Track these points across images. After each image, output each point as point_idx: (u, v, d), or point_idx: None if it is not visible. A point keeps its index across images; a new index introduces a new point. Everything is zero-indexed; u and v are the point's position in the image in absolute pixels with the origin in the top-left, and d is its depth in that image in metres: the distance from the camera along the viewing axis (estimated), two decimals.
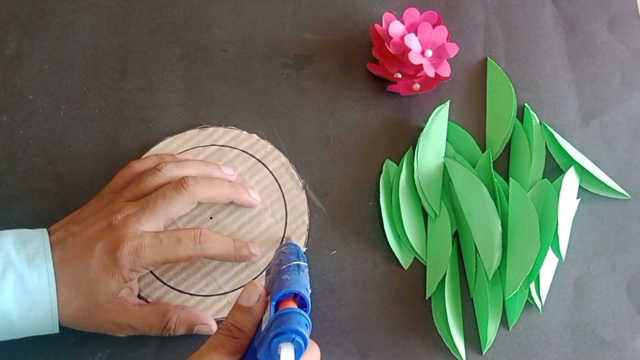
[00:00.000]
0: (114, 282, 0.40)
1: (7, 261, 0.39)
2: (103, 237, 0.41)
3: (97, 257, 0.40)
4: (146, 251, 0.40)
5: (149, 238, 0.41)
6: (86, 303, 0.40)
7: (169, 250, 0.41)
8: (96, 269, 0.40)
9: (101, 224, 0.42)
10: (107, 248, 0.40)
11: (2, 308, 0.38)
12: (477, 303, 0.47)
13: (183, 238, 0.42)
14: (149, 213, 0.42)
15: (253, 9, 0.54)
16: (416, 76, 0.50)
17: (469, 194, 0.47)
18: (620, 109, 0.53)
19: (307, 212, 0.48)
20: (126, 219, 0.41)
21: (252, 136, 0.50)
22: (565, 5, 0.56)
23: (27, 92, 0.51)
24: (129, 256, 0.40)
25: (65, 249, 0.41)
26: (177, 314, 0.43)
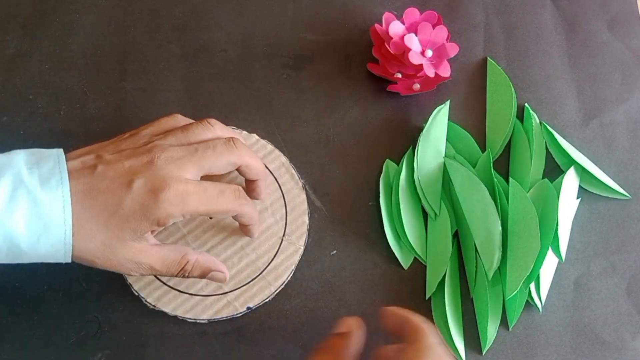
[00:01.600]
0: (147, 223, 0.38)
1: (18, 180, 0.36)
2: (144, 174, 0.38)
3: (136, 193, 0.37)
4: (191, 197, 0.38)
5: (195, 185, 0.39)
6: (110, 237, 0.37)
7: (212, 200, 0.39)
8: (132, 205, 0.37)
9: (141, 159, 0.38)
10: (149, 186, 0.37)
11: (11, 230, 0.35)
12: (477, 303, 0.47)
13: (226, 190, 0.40)
14: (195, 161, 0.39)
15: (253, 9, 0.54)
16: (416, 76, 0.50)
17: (469, 194, 0.47)
18: (620, 109, 0.53)
19: (307, 212, 0.48)
20: (170, 160, 0.38)
21: (252, 136, 0.50)
22: (565, 5, 0.56)
23: (27, 92, 0.51)
24: (174, 199, 0.37)
25: (95, 177, 0.38)
26: (196, 257, 0.41)
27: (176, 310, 0.45)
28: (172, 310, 0.45)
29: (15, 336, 0.44)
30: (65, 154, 0.39)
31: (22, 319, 0.45)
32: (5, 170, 0.36)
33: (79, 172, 0.38)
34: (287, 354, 0.45)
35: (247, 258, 0.47)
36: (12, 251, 0.36)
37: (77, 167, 0.38)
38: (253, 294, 0.46)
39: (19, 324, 0.45)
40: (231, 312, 0.45)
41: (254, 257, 0.47)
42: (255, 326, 0.45)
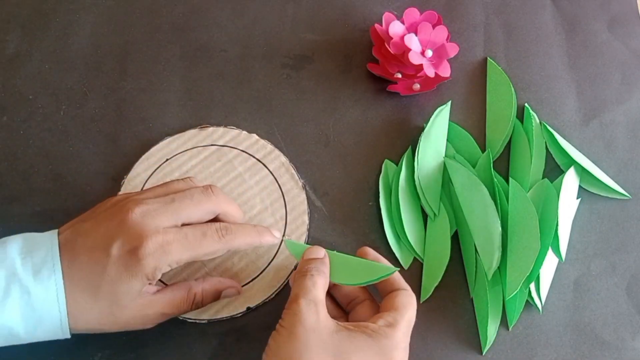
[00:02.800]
0: (137, 282, 0.37)
1: (12, 273, 0.36)
2: (119, 235, 0.37)
3: (116, 257, 0.37)
4: (172, 247, 0.37)
5: (174, 233, 0.38)
6: (108, 306, 0.37)
7: (195, 245, 0.38)
8: (116, 270, 0.37)
9: (115, 220, 0.38)
10: (127, 246, 0.37)
11: (8, 325, 0.36)
12: (477, 303, 0.47)
13: (208, 232, 0.39)
14: (172, 211, 0.39)
15: (253, 9, 0.54)
16: (416, 76, 0.50)
17: (469, 194, 0.47)
18: (620, 109, 0.53)
19: (307, 212, 0.48)
20: (145, 213, 0.38)
21: (252, 136, 0.50)
22: (565, 5, 0.56)
23: (27, 92, 0.51)
24: (155, 254, 0.37)
25: (75, 252, 0.38)
26: (201, 286, 0.42)
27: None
28: None
29: None
30: None
31: None
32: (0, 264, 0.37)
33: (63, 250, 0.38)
34: None
35: (247, 258, 0.47)
36: (10, 340, 0.37)
37: (62, 243, 0.38)
38: (253, 293, 0.46)
39: None
40: (231, 312, 0.45)
41: (254, 257, 0.47)
42: (255, 326, 0.45)
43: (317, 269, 0.40)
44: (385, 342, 0.37)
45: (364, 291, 0.43)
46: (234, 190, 0.48)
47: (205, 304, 0.42)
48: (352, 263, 0.43)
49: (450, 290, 0.47)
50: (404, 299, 0.40)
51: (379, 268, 0.42)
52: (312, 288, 0.39)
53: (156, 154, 0.49)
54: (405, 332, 0.39)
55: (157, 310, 0.39)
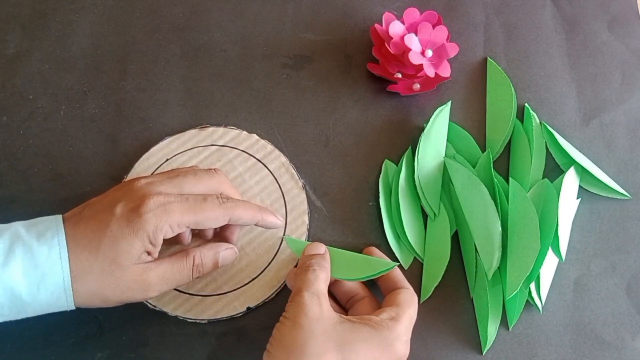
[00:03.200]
0: (138, 240, 0.38)
1: (16, 236, 0.37)
2: (124, 198, 0.39)
3: (120, 214, 0.38)
4: (173, 205, 0.38)
5: (175, 195, 0.39)
6: (108, 264, 0.37)
7: (196, 207, 0.39)
8: (119, 226, 0.38)
9: (121, 190, 0.40)
10: (130, 205, 0.38)
11: (10, 283, 0.36)
12: (477, 303, 0.47)
13: (208, 197, 0.40)
14: (174, 183, 0.40)
15: (253, 9, 0.54)
16: (416, 76, 0.50)
17: (469, 194, 0.47)
18: (620, 109, 0.53)
19: (307, 212, 0.48)
20: (150, 183, 0.40)
21: (252, 136, 0.50)
22: (565, 5, 0.56)
23: (27, 92, 0.51)
24: (156, 210, 0.38)
25: (82, 215, 0.39)
26: (199, 250, 0.42)
27: (176, 310, 0.45)
28: (172, 310, 0.45)
29: (15, 336, 0.44)
30: None
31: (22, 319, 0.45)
32: (4, 231, 0.38)
33: (69, 218, 0.39)
34: None
35: (247, 258, 0.47)
36: (14, 304, 0.37)
37: (68, 215, 0.40)
38: (253, 293, 0.46)
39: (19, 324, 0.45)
40: (231, 312, 0.45)
41: (254, 257, 0.47)
42: (255, 326, 0.45)
43: (318, 264, 0.41)
44: (387, 334, 0.38)
45: (363, 288, 0.44)
46: None
47: (206, 271, 0.42)
48: (352, 259, 0.44)
49: (450, 290, 0.47)
50: (406, 296, 0.42)
51: (379, 263, 0.43)
52: (315, 281, 0.40)
53: (156, 153, 0.49)
54: (407, 327, 0.40)
55: (157, 274, 0.39)
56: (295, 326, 0.37)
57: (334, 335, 0.37)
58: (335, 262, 0.43)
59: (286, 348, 0.37)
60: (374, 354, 0.38)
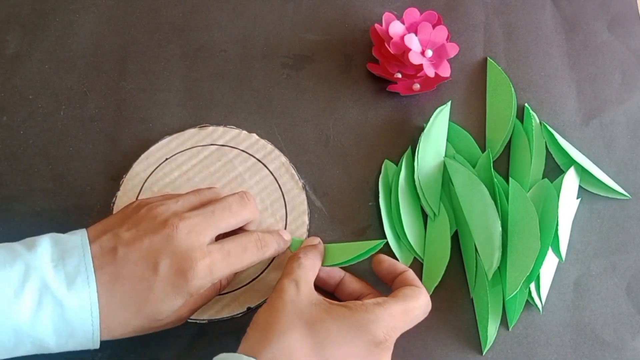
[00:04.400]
0: (181, 299, 0.38)
1: (44, 285, 0.35)
2: (166, 252, 0.37)
3: (164, 275, 0.37)
4: (218, 266, 0.38)
5: (217, 252, 0.39)
6: (148, 321, 0.38)
7: (237, 261, 0.40)
8: (163, 288, 0.37)
9: (159, 235, 0.38)
10: (175, 266, 0.37)
11: (40, 337, 0.36)
12: (477, 303, 0.47)
13: (248, 245, 0.40)
14: (212, 224, 0.39)
15: (253, 9, 0.54)
16: (416, 76, 0.50)
17: (469, 194, 0.47)
18: (620, 109, 0.53)
19: (307, 212, 0.48)
20: (189, 230, 0.38)
21: (252, 136, 0.50)
22: (565, 5, 0.56)
23: (27, 92, 0.51)
24: (203, 274, 0.38)
25: (117, 264, 0.37)
26: None
27: None
28: None
29: None
30: None
31: None
32: (31, 272, 0.36)
33: (100, 259, 0.37)
34: None
35: None
36: (41, 350, 0.37)
37: (97, 253, 0.37)
38: (253, 294, 0.46)
39: None
40: (231, 312, 0.45)
41: None
42: None
43: (304, 253, 0.42)
44: (363, 315, 0.37)
45: (367, 287, 0.43)
46: (234, 190, 0.48)
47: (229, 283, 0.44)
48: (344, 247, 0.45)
49: (450, 290, 0.47)
50: (407, 291, 0.40)
51: (368, 243, 0.43)
52: (297, 269, 0.40)
53: (155, 153, 0.49)
54: (396, 317, 0.38)
55: (190, 307, 0.40)
56: (270, 308, 0.38)
57: (306, 314, 0.37)
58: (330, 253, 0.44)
59: (259, 328, 0.37)
60: (346, 333, 0.37)
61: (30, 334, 0.35)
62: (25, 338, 0.35)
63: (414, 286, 0.41)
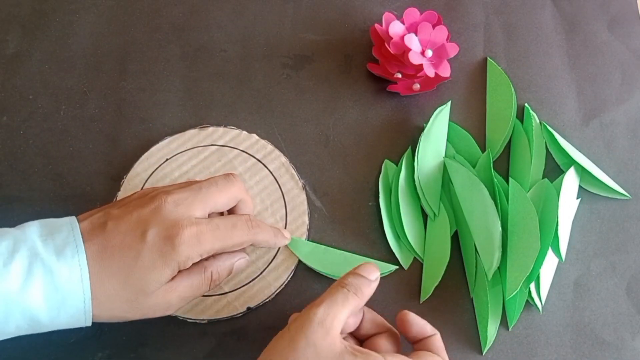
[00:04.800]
0: (169, 269, 0.37)
1: (34, 254, 0.35)
2: (154, 222, 0.38)
3: (151, 243, 0.37)
4: (206, 236, 0.38)
5: (205, 224, 0.39)
6: (135, 293, 0.37)
7: (226, 236, 0.39)
8: (151, 256, 0.37)
9: (148, 208, 0.38)
10: (163, 234, 0.37)
11: (30, 308, 0.35)
12: (477, 303, 0.47)
13: (238, 223, 0.40)
14: (201, 199, 0.39)
15: (253, 9, 0.54)
16: (416, 76, 0.50)
17: (469, 194, 0.47)
18: (620, 109, 0.53)
19: (307, 212, 0.48)
20: (177, 203, 0.39)
21: (252, 136, 0.50)
22: (565, 5, 0.56)
23: (27, 92, 0.51)
24: (190, 241, 0.37)
25: (106, 235, 0.37)
26: (215, 264, 0.41)
27: (177, 311, 0.45)
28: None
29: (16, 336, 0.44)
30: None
31: None
32: (20, 245, 0.36)
33: (90, 233, 0.38)
34: None
35: None
36: (32, 326, 0.36)
37: (87, 228, 0.38)
38: (253, 294, 0.46)
39: None
40: (231, 312, 0.45)
41: (254, 258, 0.47)
42: (255, 326, 0.45)
43: (356, 288, 0.38)
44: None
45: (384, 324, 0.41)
46: None
47: (222, 281, 0.42)
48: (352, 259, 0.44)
49: (450, 290, 0.47)
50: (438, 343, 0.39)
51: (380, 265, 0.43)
52: (340, 303, 0.36)
53: (156, 153, 0.49)
54: None
55: (178, 295, 0.39)
56: (290, 345, 0.35)
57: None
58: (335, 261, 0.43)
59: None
60: None
61: (20, 303, 0.35)
62: (15, 308, 0.35)
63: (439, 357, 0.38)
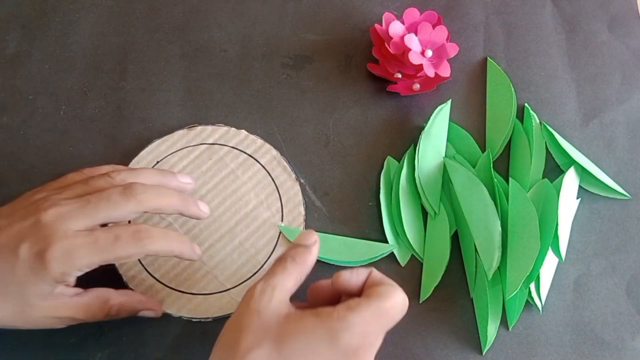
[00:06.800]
0: (45, 284, 0.37)
1: None
2: (29, 236, 0.37)
3: (23, 259, 0.36)
4: (80, 252, 0.37)
5: (82, 237, 0.37)
6: (19, 304, 0.37)
7: (106, 249, 0.37)
8: (24, 271, 0.36)
9: (29, 220, 0.37)
10: (33, 249, 0.36)
11: None
12: (477, 303, 0.47)
13: (122, 235, 0.38)
14: (86, 213, 0.38)
15: (253, 9, 0.54)
16: (416, 76, 0.50)
17: (468, 194, 0.47)
18: (620, 109, 0.53)
19: (303, 203, 0.48)
20: (58, 216, 0.37)
21: (240, 132, 0.50)
22: (565, 5, 0.56)
23: (27, 92, 0.51)
24: (61, 258, 0.36)
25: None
26: (119, 300, 0.41)
27: (180, 311, 0.45)
28: (176, 311, 0.45)
29: (15, 336, 0.44)
30: None
31: None
32: None
33: None
34: None
35: (246, 253, 0.47)
36: None
37: None
38: None
39: None
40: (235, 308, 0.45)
41: (253, 252, 0.47)
42: None
43: (294, 258, 0.38)
44: (334, 324, 0.34)
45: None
46: (227, 187, 0.48)
47: (120, 317, 0.41)
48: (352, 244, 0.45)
49: (450, 290, 0.47)
50: (382, 289, 0.36)
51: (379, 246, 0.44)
52: (279, 274, 0.37)
53: (146, 157, 0.49)
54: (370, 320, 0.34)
55: (70, 314, 0.39)
56: (236, 320, 0.36)
57: (273, 329, 0.34)
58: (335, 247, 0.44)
59: (224, 347, 0.35)
60: (316, 347, 0.33)
61: None
62: None
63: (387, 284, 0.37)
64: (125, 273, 0.46)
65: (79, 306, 0.39)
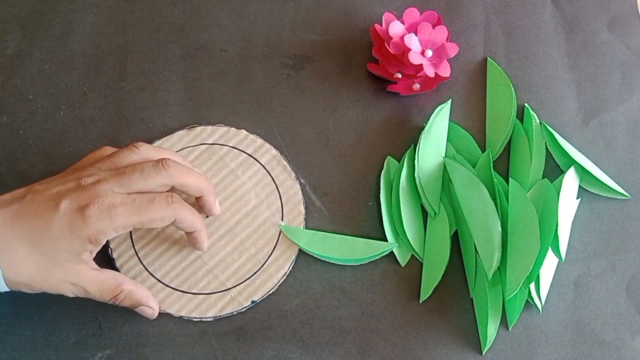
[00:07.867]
0: (79, 242, 0.38)
1: None
2: (70, 194, 0.38)
3: (63, 213, 0.38)
4: (118, 210, 0.38)
5: (122, 197, 0.39)
6: (45, 261, 0.38)
7: (141, 209, 0.39)
8: (60, 226, 0.37)
9: (68, 185, 0.39)
10: (75, 205, 0.38)
11: None
12: (477, 303, 0.47)
13: (156, 198, 0.40)
14: (122, 182, 0.39)
15: (253, 9, 0.54)
16: (416, 76, 0.50)
17: (468, 194, 0.47)
18: (620, 109, 0.53)
19: (303, 202, 0.48)
20: (97, 181, 0.39)
21: (240, 132, 0.50)
22: (565, 5, 0.56)
23: (27, 92, 0.51)
24: (100, 214, 0.38)
25: (22, 204, 0.38)
26: (130, 287, 0.42)
27: (181, 311, 0.45)
28: (177, 311, 0.45)
29: (15, 336, 0.44)
30: None
31: (22, 319, 0.45)
32: None
33: (7, 202, 0.39)
34: (287, 354, 0.45)
35: (247, 252, 0.47)
36: None
37: (7, 198, 0.39)
38: (256, 287, 0.46)
39: (19, 324, 0.45)
40: (236, 307, 0.45)
41: (253, 251, 0.47)
42: (255, 326, 0.45)
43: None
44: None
45: None
46: (227, 187, 0.48)
47: (121, 305, 0.42)
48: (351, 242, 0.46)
49: (450, 290, 0.47)
50: None
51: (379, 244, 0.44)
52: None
53: None
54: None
55: (84, 284, 0.40)
56: None
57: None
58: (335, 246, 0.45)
59: None
60: None
61: None
62: None
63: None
64: (127, 273, 0.46)
65: (95, 280, 0.40)
